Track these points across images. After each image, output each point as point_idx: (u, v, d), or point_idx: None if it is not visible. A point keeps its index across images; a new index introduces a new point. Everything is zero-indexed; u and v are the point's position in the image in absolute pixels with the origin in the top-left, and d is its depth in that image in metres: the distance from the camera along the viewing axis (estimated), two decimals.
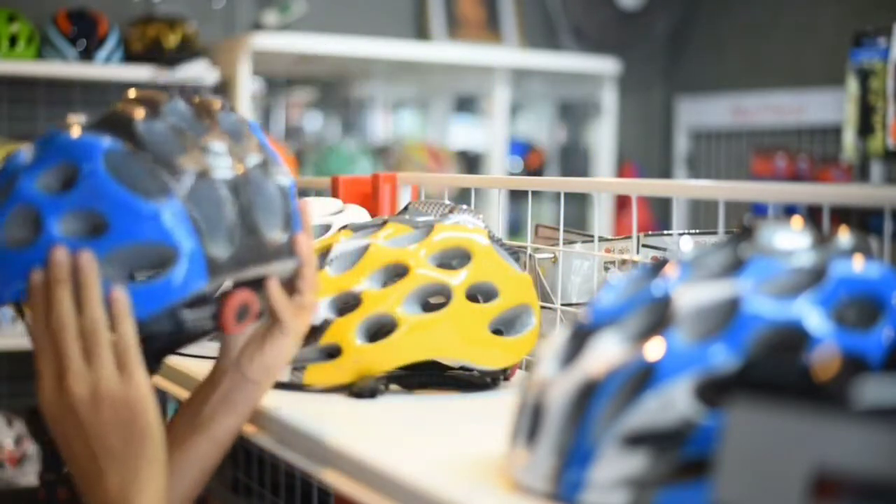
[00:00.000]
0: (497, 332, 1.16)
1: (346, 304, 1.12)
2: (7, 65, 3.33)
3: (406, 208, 1.27)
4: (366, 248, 1.13)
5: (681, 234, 1.29)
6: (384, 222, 1.17)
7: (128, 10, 3.72)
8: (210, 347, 1.31)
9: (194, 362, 1.29)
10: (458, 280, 1.12)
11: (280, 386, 1.14)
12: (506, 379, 1.19)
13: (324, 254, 1.14)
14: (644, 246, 1.30)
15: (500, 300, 1.15)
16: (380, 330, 1.11)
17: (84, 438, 0.88)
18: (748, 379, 0.63)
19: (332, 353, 1.11)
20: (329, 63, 3.90)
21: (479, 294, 1.15)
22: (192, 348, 1.31)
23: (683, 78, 4.74)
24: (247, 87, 3.59)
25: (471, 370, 1.16)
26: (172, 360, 1.30)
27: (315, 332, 1.10)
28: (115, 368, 0.88)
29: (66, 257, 0.87)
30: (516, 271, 1.17)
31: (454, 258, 1.15)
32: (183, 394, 1.24)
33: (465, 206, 1.27)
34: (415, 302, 1.12)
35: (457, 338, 1.12)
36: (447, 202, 1.27)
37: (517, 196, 3.95)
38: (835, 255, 0.78)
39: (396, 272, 1.13)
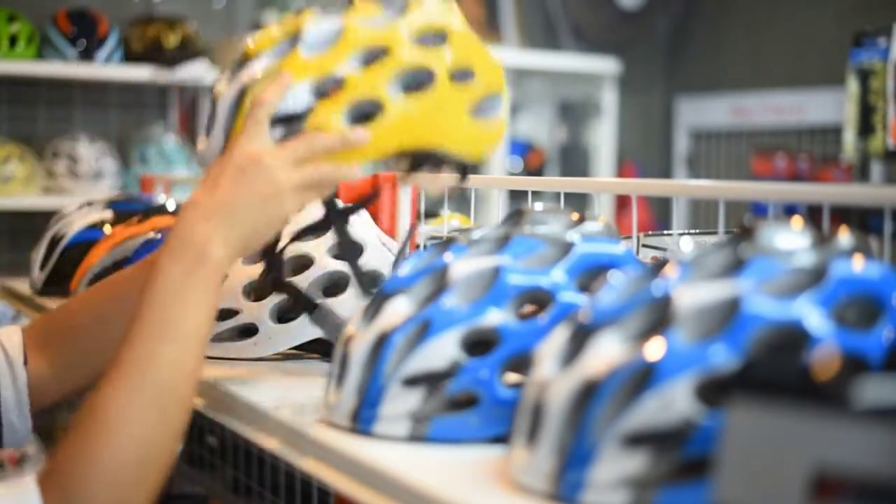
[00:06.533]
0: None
1: (328, 87, 1.06)
2: (7, 65, 3.34)
3: None
4: (342, 30, 1.07)
5: (681, 234, 1.28)
6: (351, 4, 1.11)
7: (128, 10, 3.72)
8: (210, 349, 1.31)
9: None
10: (441, 62, 1.08)
11: (275, 384, 1.14)
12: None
13: (294, 37, 1.08)
14: (644, 246, 1.30)
15: (478, 85, 1.11)
16: (363, 115, 1.06)
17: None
18: (748, 379, 0.63)
19: None
20: None
21: (457, 77, 1.10)
22: None
23: (683, 78, 4.75)
24: None
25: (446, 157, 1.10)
26: None
27: (296, 120, 1.05)
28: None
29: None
30: (491, 57, 1.13)
31: (432, 39, 1.10)
32: None
33: None
34: (399, 84, 1.07)
35: (441, 122, 1.09)
36: None
37: (517, 196, 3.95)
38: (835, 255, 0.79)
39: (377, 53, 1.07)
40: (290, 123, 1.05)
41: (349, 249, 1.23)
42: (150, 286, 0.97)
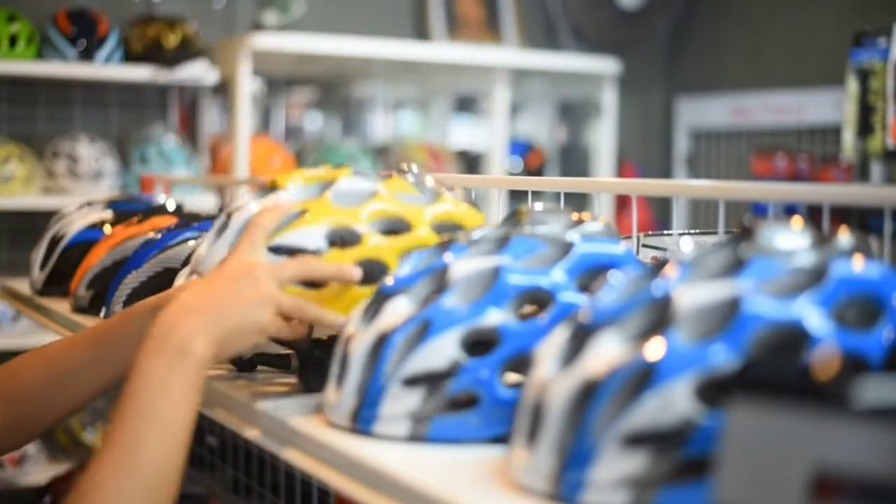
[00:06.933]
0: None
1: (343, 238, 1.09)
2: (7, 65, 3.34)
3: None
4: (373, 193, 1.11)
5: (681, 234, 1.28)
6: (389, 175, 1.15)
7: (128, 10, 3.72)
8: None
9: None
10: None
11: (276, 382, 1.14)
12: None
13: (327, 184, 1.12)
14: (644, 246, 1.30)
15: None
16: (368, 275, 1.08)
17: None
18: (748, 379, 0.63)
19: (318, 282, 1.08)
20: (329, 63, 3.90)
21: None
22: None
23: (683, 78, 4.75)
24: (247, 87, 3.59)
25: None
26: None
27: (302, 255, 1.07)
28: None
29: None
30: None
31: (450, 230, 1.13)
32: None
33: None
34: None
35: None
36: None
37: (517, 196, 3.95)
38: (835, 255, 0.79)
39: (399, 226, 1.11)
40: (295, 257, 1.06)
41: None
42: (134, 377, 0.98)
